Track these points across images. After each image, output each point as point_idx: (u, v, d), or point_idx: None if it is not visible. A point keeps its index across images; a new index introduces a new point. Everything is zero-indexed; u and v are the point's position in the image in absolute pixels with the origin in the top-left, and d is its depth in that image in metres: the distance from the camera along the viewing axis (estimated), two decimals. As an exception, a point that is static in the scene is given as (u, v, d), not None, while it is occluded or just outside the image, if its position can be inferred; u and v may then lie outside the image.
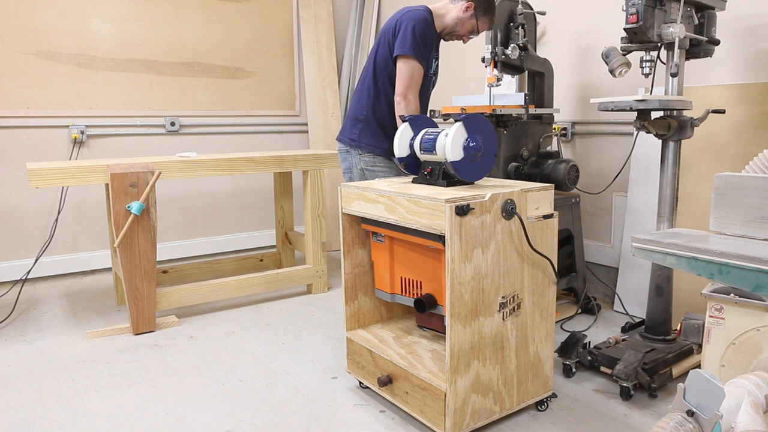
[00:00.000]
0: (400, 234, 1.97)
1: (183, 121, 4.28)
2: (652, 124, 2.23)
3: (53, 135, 3.86)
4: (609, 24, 3.13)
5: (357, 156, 2.58)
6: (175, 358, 2.62)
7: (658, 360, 2.20)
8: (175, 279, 3.64)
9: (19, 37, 3.67)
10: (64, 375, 2.46)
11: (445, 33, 2.53)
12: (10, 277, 3.77)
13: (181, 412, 2.13)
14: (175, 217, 4.32)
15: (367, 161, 2.57)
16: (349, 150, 2.62)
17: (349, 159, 2.62)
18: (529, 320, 1.96)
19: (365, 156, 2.57)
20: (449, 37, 2.56)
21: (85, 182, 2.78)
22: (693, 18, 2.26)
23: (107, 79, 3.98)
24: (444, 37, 2.56)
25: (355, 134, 2.59)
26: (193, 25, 4.24)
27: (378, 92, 2.55)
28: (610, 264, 3.27)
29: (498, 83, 2.81)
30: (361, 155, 2.57)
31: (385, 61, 2.49)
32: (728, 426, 1.26)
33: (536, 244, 1.92)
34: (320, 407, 2.15)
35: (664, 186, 2.31)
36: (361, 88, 2.62)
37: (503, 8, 2.84)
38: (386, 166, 2.58)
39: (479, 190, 1.84)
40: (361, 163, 2.58)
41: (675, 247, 1.41)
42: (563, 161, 2.84)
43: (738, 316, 1.79)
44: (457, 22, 2.48)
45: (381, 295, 2.21)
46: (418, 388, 1.90)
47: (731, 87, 2.65)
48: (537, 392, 2.04)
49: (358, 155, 2.58)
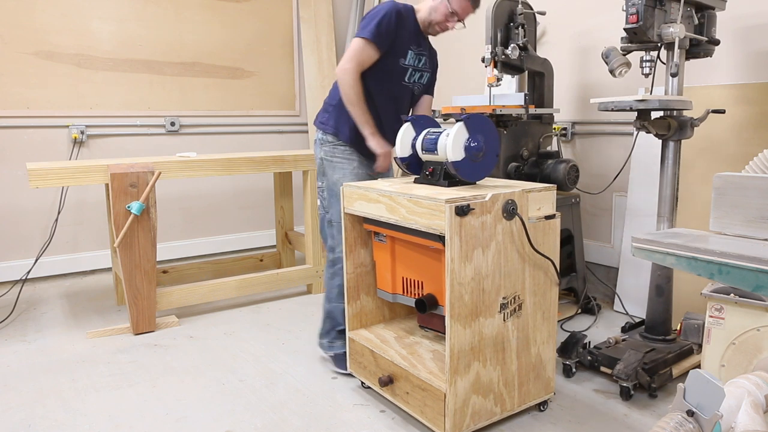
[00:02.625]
0: (402, 234, 1.97)
1: (183, 121, 4.28)
2: (652, 124, 2.23)
3: (53, 135, 3.85)
4: (609, 24, 3.13)
5: (319, 145, 2.44)
6: (175, 358, 2.62)
7: (658, 360, 2.20)
8: (175, 279, 3.63)
9: (19, 37, 3.67)
10: (64, 375, 2.46)
11: (426, 25, 2.40)
12: (10, 277, 3.76)
13: (181, 412, 2.13)
14: (175, 217, 4.32)
15: (327, 151, 2.41)
16: (316, 138, 2.49)
17: (316, 148, 2.49)
18: (531, 321, 1.96)
19: (326, 146, 2.41)
20: (431, 29, 2.41)
21: (85, 182, 2.78)
22: (693, 18, 2.26)
23: (107, 79, 3.98)
24: (428, 31, 2.42)
25: (324, 117, 2.45)
26: (193, 25, 4.24)
27: None
28: (610, 264, 3.27)
29: (498, 83, 2.81)
30: (323, 144, 2.42)
31: None
32: (728, 426, 1.26)
33: (538, 244, 1.92)
34: (320, 407, 2.15)
35: (664, 186, 2.31)
36: None
37: (503, 8, 2.85)
38: (346, 158, 2.39)
39: (480, 190, 1.84)
40: (321, 152, 2.43)
41: (675, 247, 1.41)
42: (563, 161, 2.85)
43: (738, 316, 1.79)
44: (430, 10, 2.37)
45: (383, 295, 2.22)
46: (418, 388, 1.90)
47: (731, 87, 2.65)
48: (539, 394, 2.04)
49: (320, 144, 2.43)
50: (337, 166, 2.40)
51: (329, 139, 2.40)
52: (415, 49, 2.38)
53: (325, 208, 2.44)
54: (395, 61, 2.34)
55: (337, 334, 2.43)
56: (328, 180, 2.40)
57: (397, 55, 2.33)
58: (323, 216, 2.46)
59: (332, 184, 2.39)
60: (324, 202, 2.45)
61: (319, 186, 2.46)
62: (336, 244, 2.38)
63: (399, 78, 2.38)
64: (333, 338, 2.45)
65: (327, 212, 2.42)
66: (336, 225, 2.37)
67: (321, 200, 2.47)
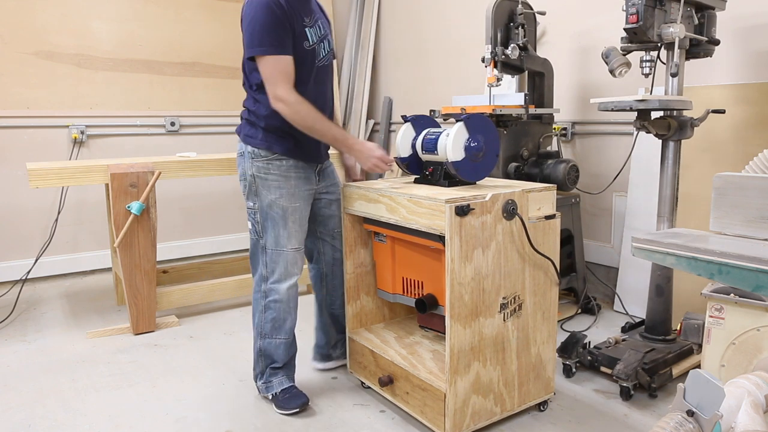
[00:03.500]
0: (402, 234, 1.97)
1: (183, 121, 4.28)
2: (652, 124, 2.23)
3: (53, 135, 3.85)
4: (609, 24, 3.13)
5: (249, 159, 2.09)
6: (175, 358, 2.62)
7: (658, 360, 2.20)
8: (175, 279, 3.63)
9: (19, 37, 3.67)
10: (64, 375, 2.46)
11: None
12: (10, 277, 3.76)
13: (181, 412, 2.13)
14: (175, 217, 4.32)
15: (261, 167, 2.07)
16: (241, 152, 2.13)
17: (241, 162, 2.13)
18: (531, 321, 1.96)
19: (258, 160, 2.07)
20: None
21: (85, 182, 2.78)
22: (693, 18, 2.26)
23: (107, 79, 3.98)
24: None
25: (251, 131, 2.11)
26: (193, 25, 4.24)
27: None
28: (610, 264, 3.27)
29: (498, 83, 2.81)
30: (254, 159, 2.08)
31: None
32: (728, 426, 1.26)
33: (538, 244, 1.92)
34: (320, 407, 2.15)
35: (664, 186, 2.31)
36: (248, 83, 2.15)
37: (503, 8, 2.85)
38: (282, 175, 2.07)
39: (480, 190, 1.84)
40: (252, 168, 2.08)
41: (675, 247, 1.41)
42: (563, 161, 2.85)
43: (738, 316, 1.79)
44: None
45: (383, 295, 2.22)
46: (418, 388, 1.90)
47: (731, 87, 2.65)
48: (539, 394, 2.04)
49: (250, 158, 2.08)
50: (272, 185, 2.07)
51: (262, 153, 2.07)
52: (308, 21, 2.04)
53: (258, 233, 2.10)
54: (303, 51, 2.02)
55: (272, 371, 2.18)
56: (261, 201, 2.07)
57: (301, 44, 2.01)
58: (255, 241, 2.12)
59: (267, 206, 2.06)
60: (257, 226, 2.10)
61: (250, 207, 2.11)
62: (269, 272, 2.10)
63: (312, 62, 2.07)
64: (268, 377, 2.17)
65: (260, 237, 2.09)
66: (270, 252, 2.08)
67: (253, 223, 2.11)
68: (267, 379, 2.18)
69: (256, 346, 2.18)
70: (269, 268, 2.10)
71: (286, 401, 2.12)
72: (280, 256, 2.09)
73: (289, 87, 1.96)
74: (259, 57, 1.94)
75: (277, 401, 2.14)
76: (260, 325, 2.15)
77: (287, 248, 2.09)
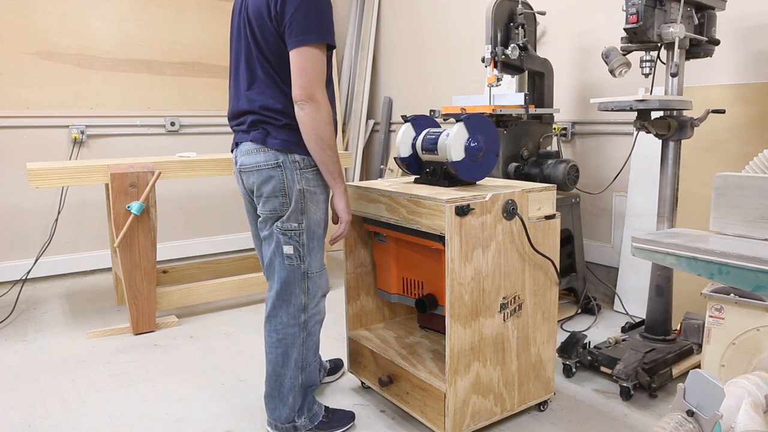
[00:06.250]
0: (402, 234, 1.97)
1: (183, 121, 4.28)
2: (652, 124, 2.23)
3: (53, 135, 3.86)
4: (609, 24, 3.13)
5: (295, 171, 1.74)
6: (175, 358, 2.62)
7: (658, 360, 2.20)
8: (175, 279, 3.63)
9: (19, 37, 3.67)
10: (64, 375, 2.46)
11: None
12: (10, 277, 3.76)
13: (181, 412, 2.13)
14: (175, 217, 4.32)
15: (310, 179, 1.77)
16: (279, 162, 1.73)
17: (279, 175, 1.74)
18: (531, 321, 1.96)
19: (308, 172, 1.76)
20: None
21: (85, 182, 2.78)
22: (693, 18, 2.26)
23: (107, 79, 3.98)
24: None
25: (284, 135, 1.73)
26: (193, 25, 4.24)
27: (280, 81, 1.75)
28: (610, 264, 3.27)
29: (498, 83, 2.81)
30: (302, 170, 1.75)
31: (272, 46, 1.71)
32: (728, 426, 1.26)
33: (538, 244, 1.92)
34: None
35: (664, 186, 2.31)
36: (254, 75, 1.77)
37: (503, 8, 2.85)
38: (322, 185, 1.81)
39: (480, 190, 1.84)
40: (302, 181, 1.75)
41: (675, 247, 1.41)
42: (563, 161, 2.85)
43: (738, 316, 1.79)
44: None
45: (383, 295, 2.22)
46: (418, 388, 1.90)
47: (731, 87, 2.65)
48: (539, 394, 2.04)
49: (297, 169, 1.74)
50: (320, 199, 1.80)
51: (311, 162, 1.76)
52: None
53: (300, 258, 1.78)
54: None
55: (312, 398, 1.94)
56: (309, 219, 1.78)
57: None
58: (294, 268, 1.78)
59: (315, 224, 1.80)
60: (301, 250, 1.78)
61: (293, 229, 1.76)
62: (311, 299, 1.83)
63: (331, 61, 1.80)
64: (310, 405, 1.93)
65: (302, 263, 1.79)
66: (314, 276, 1.81)
67: (296, 248, 1.77)
68: (309, 408, 1.93)
69: (294, 383, 1.86)
70: (311, 294, 1.83)
71: (339, 420, 1.97)
72: (322, 276, 1.85)
73: (324, 88, 1.68)
74: (310, 46, 1.63)
75: (323, 425, 1.94)
76: (301, 359, 1.87)
77: (325, 265, 1.89)
